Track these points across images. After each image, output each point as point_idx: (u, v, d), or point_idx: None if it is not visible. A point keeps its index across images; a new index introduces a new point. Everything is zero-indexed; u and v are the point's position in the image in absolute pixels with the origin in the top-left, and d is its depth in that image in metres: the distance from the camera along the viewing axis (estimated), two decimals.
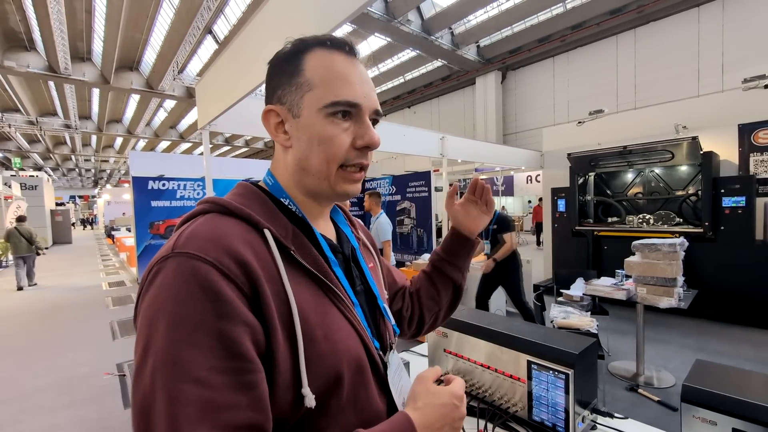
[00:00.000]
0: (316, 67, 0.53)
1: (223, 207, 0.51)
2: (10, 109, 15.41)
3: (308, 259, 0.52)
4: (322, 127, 0.52)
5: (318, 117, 0.52)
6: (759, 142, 4.38)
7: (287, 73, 0.54)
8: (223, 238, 0.45)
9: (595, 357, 1.12)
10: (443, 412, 0.52)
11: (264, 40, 2.21)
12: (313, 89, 0.52)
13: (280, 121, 0.55)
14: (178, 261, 0.43)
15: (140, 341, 0.42)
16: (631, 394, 2.81)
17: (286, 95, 0.54)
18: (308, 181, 0.55)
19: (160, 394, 0.38)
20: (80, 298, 6.59)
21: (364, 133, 0.54)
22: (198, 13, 9.16)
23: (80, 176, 37.91)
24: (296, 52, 0.54)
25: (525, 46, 12.25)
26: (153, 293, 0.43)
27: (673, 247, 2.68)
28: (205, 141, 3.20)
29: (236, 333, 0.41)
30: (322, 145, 0.52)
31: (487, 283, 3.89)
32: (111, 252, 13.84)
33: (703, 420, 0.84)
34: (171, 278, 0.42)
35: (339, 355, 0.50)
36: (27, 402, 2.99)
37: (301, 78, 0.53)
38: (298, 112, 0.53)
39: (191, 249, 0.43)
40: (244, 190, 0.56)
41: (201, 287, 0.41)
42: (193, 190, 8.31)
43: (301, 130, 0.53)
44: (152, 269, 0.45)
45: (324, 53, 0.54)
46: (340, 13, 1.61)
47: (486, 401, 1.19)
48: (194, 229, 0.47)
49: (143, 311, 0.43)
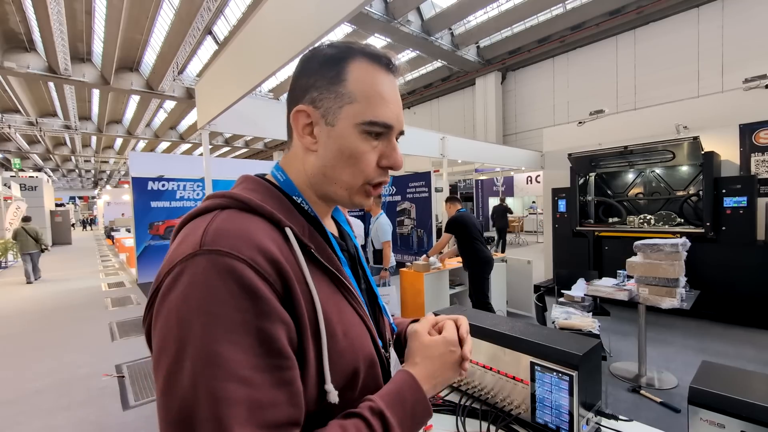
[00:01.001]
0: (360, 80, 0.52)
1: (244, 204, 0.49)
2: (10, 110, 15.41)
3: (326, 257, 0.52)
4: (354, 143, 0.52)
5: (353, 131, 0.52)
6: (760, 142, 4.37)
7: (327, 77, 0.53)
8: (253, 236, 0.45)
9: (599, 358, 1.10)
10: (441, 360, 0.57)
11: (263, 39, 2.20)
12: (353, 103, 0.52)
13: (308, 123, 0.54)
14: (210, 258, 0.42)
15: (170, 343, 0.40)
16: (633, 395, 2.80)
17: (323, 100, 0.53)
18: (328, 188, 0.55)
19: (204, 397, 0.37)
20: (79, 299, 6.57)
21: (390, 154, 0.55)
22: (198, 14, 9.15)
23: (80, 177, 37.90)
24: (340, 58, 0.53)
25: (525, 46, 12.25)
26: (182, 292, 0.41)
27: (675, 247, 2.66)
28: (205, 141, 3.18)
29: (275, 330, 0.42)
30: (351, 160, 0.53)
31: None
32: (110, 253, 13.83)
33: (710, 423, 0.82)
34: (204, 276, 0.41)
35: (356, 352, 0.51)
36: (25, 404, 2.97)
37: (342, 88, 0.52)
38: (333, 120, 0.52)
39: (224, 246, 0.42)
40: (256, 186, 0.54)
41: (239, 285, 0.41)
42: (193, 190, 8.30)
43: (332, 139, 0.53)
44: (174, 268, 0.43)
45: (368, 66, 0.53)
46: (338, 13, 1.61)
47: (488, 403, 1.17)
48: (220, 225, 0.45)
49: (170, 311, 0.41)
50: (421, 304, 3.91)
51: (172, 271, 0.43)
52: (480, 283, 3.87)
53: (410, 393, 0.52)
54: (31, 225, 8.41)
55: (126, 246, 10.91)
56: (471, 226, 3.87)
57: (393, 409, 0.49)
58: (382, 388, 0.52)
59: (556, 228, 5.74)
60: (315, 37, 1.73)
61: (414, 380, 0.53)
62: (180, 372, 0.38)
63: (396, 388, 0.52)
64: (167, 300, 0.42)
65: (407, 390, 0.52)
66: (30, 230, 8.27)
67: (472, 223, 3.89)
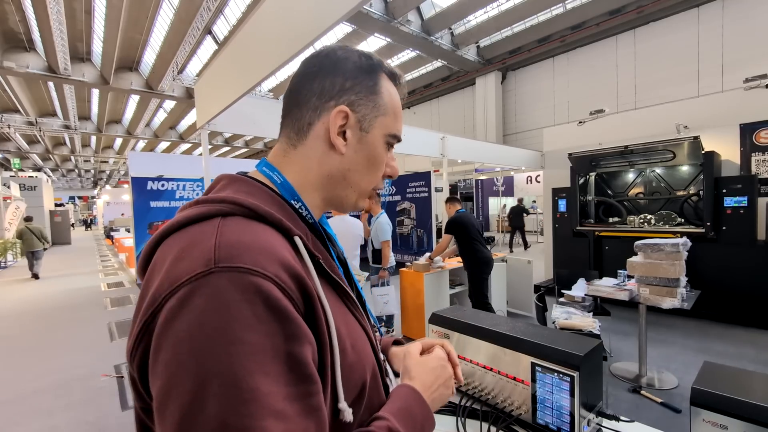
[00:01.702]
0: (389, 95, 0.56)
1: (251, 210, 0.44)
2: (10, 110, 15.39)
3: (330, 266, 0.50)
4: (380, 152, 0.56)
5: (381, 141, 0.55)
6: (760, 141, 4.37)
7: (367, 86, 0.54)
8: (275, 249, 0.41)
9: (600, 359, 1.10)
10: (435, 374, 0.60)
11: (263, 39, 2.19)
12: (387, 115, 0.55)
13: (343, 125, 0.53)
14: (231, 277, 0.36)
15: (184, 379, 0.34)
16: (633, 395, 2.79)
17: (362, 106, 0.53)
18: (342, 191, 0.56)
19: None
20: (79, 299, 6.56)
21: (392, 164, 0.59)
22: (197, 14, 9.15)
23: (79, 177, 37.89)
24: (375, 68, 0.55)
25: (525, 46, 12.25)
26: (197, 318, 0.35)
27: (676, 247, 2.66)
28: (204, 141, 3.18)
29: (304, 354, 0.39)
30: (373, 167, 0.56)
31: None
32: (110, 253, 13.82)
33: (713, 424, 0.81)
34: (226, 298, 0.36)
35: (363, 364, 0.50)
36: (24, 404, 2.97)
37: (380, 99, 0.54)
38: (368, 128, 0.54)
39: (246, 263, 0.37)
40: (252, 188, 0.49)
41: (267, 307, 0.37)
42: (193, 190, 8.30)
43: (363, 145, 0.54)
44: (178, 288, 0.37)
45: (390, 84, 0.57)
46: (337, 12, 1.60)
47: (488, 404, 1.17)
48: (236, 237, 0.40)
49: (181, 342, 0.35)
50: (420, 304, 3.90)
51: (176, 293, 0.37)
52: (479, 283, 3.86)
53: (418, 408, 0.53)
54: (35, 224, 8.79)
55: (125, 246, 10.91)
56: (470, 226, 3.86)
57: (406, 426, 0.49)
58: (389, 403, 0.51)
59: (556, 228, 5.73)
60: (314, 36, 1.73)
61: (418, 394, 0.54)
62: (202, 413, 0.33)
63: (405, 404, 0.52)
64: (174, 328, 0.36)
65: (415, 405, 0.53)
66: (34, 229, 8.61)
67: (471, 224, 3.88)
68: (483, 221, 14.80)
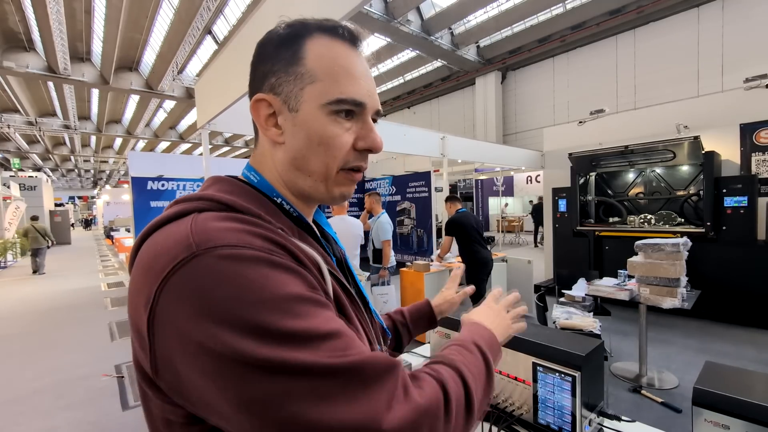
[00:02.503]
0: (320, 56, 0.47)
1: (226, 206, 0.43)
2: (9, 110, 15.38)
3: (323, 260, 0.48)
4: (323, 126, 0.47)
5: (320, 114, 0.47)
6: (761, 141, 4.37)
7: (284, 59, 0.47)
8: (254, 232, 0.39)
9: (601, 359, 1.10)
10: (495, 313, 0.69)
11: None
12: (315, 82, 0.46)
13: (271, 113, 0.49)
14: (219, 254, 0.35)
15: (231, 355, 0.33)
16: (634, 395, 2.79)
17: (282, 85, 0.47)
18: (302, 182, 0.50)
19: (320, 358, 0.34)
20: (79, 299, 6.56)
21: (366, 134, 0.49)
22: (198, 14, 9.14)
23: (79, 177, 37.87)
24: (296, 36, 0.48)
25: (525, 46, 12.25)
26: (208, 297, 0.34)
27: (677, 246, 2.66)
28: (205, 141, 3.18)
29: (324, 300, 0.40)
30: (322, 146, 0.47)
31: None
32: (110, 252, 13.82)
33: (715, 424, 0.81)
34: (228, 270, 0.35)
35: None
36: (25, 404, 2.96)
37: (301, 67, 0.47)
38: (295, 105, 0.47)
39: (231, 241, 0.36)
40: (232, 187, 0.48)
41: (271, 267, 0.37)
42: (193, 190, 8.25)
43: (298, 126, 0.47)
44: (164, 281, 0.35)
45: (328, 41, 0.48)
46: (337, 12, 1.60)
47: (490, 404, 1.16)
48: (210, 225, 0.38)
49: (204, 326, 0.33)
50: None
51: (165, 285, 0.35)
52: (476, 284, 3.85)
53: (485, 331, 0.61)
54: (39, 223, 9.36)
55: (125, 246, 10.91)
56: (469, 227, 3.85)
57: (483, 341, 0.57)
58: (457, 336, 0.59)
59: (556, 228, 5.73)
60: None
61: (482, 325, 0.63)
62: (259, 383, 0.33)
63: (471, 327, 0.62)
64: (186, 317, 0.34)
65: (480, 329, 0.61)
66: (39, 228, 9.16)
67: (470, 224, 3.87)
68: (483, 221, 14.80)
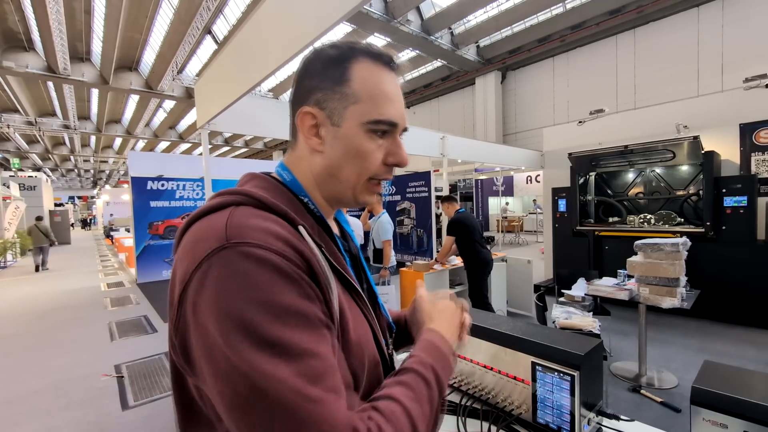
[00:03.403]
0: (364, 80, 0.53)
1: (259, 201, 0.49)
2: (9, 110, 15.38)
3: (335, 258, 0.53)
4: (360, 142, 0.54)
5: (359, 131, 0.53)
6: (760, 141, 4.37)
7: (331, 78, 0.53)
8: (277, 232, 0.45)
9: (600, 358, 1.10)
10: (451, 319, 0.66)
11: (263, 38, 2.19)
12: (358, 103, 0.53)
13: (314, 124, 0.55)
14: (241, 251, 0.42)
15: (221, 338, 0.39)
16: (633, 395, 2.80)
17: (327, 101, 0.53)
18: (333, 187, 0.57)
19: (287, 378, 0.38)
20: (79, 299, 6.56)
21: (396, 151, 0.56)
22: (197, 14, 9.14)
23: (79, 177, 37.87)
24: (343, 58, 0.54)
25: (525, 46, 12.25)
26: (217, 287, 0.41)
27: (676, 246, 2.66)
28: (204, 141, 3.18)
29: (317, 310, 0.44)
30: (357, 159, 0.54)
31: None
32: (110, 252, 13.82)
33: (713, 423, 0.81)
34: (240, 267, 0.41)
35: (362, 350, 0.52)
36: (24, 404, 2.96)
37: (347, 88, 0.53)
38: (338, 121, 0.53)
39: (253, 239, 0.43)
40: (267, 184, 0.55)
41: (278, 273, 0.42)
42: (192, 190, 8.29)
43: (338, 140, 0.54)
44: (201, 264, 0.42)
45: (372, 66, 0.54)
46: (337, 12, 1.60)
47: (489, 403, 1.17)
48: (242, 221, 0.45)
49: (211, 309, 0.40)
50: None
51: (199, 269, 0.42)
52: (478, 283, 3.86)
53: (444, 345, 0.59)
54: (43, 223, 10.05)
55: (125, 246, 10.90)
56: (471, 227, 3.85)
57: (436, 360, 0.55)
58: (418, 343, 0.58)
59: (556, 228, 5.74)
60: (314, 36, 1.72)
61: (442, 336, 0.60)
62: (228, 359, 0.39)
63: (431, 341, 0.58)
64: (203, 298, 0.41)
65: (442, 344, 0.59)
66: (42, 227, 9.85)
67: (472, 225, 3.87)
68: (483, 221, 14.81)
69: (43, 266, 10.05)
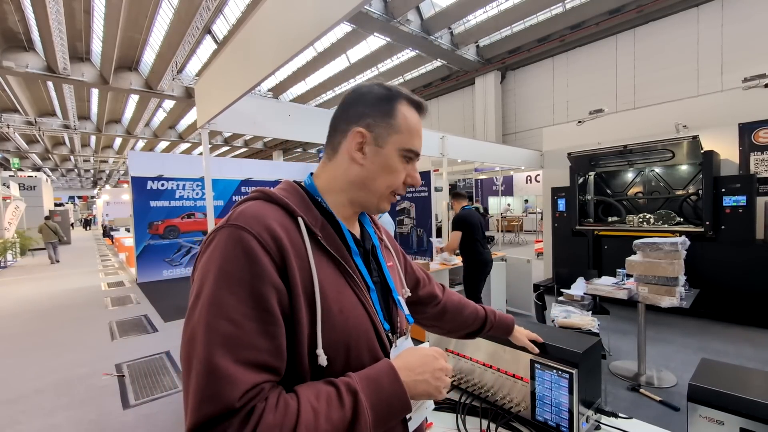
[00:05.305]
0: (405, 118, 0.69)
1: (268, 196, 0.64)
2: (9, 110, 15.38)
3: (332, 246, 0.64)
4: (394, 162, 0.69)
5: (395, 154, 0.68)
6: (759, 141, 4.38)
7: (382, 111, 0.68)
8: (264, 218, 0.58)
9: (598, 356, 1.11)
10: (424, 360, 0.63)
11: (263, 38, 2.19)
12: (399, 134, 0.68)
13: (361, 142, 0.67)
14: (229, 230, 0.56)
15: (195, 288, 0.55)
16: (632, 393, 2.81)
17: (376, 127, 0.67)
18: (362, 194, 0.70)
19: (202, 326, 0.50)
20: (79, 299, 6.56)
21: (413, 174, 0.73)
22: (197, 13, 9.14)
23: (79, 177, 37.84)
24: (391, 98, 0.69)
25: (524, 46, 12.24)
26: (209, 253, 0.56)
27: (675, 246, 2.67)
28: (204, 140, 3.18)
29: (266, 291, 0.53)
30: (389, 175, 0.69)
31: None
32: (110, 252, 13.82)
33: (710, 420, 0.82)
34: (223, 243, 0.55)
35: (349, 329, 0.60)
36: (25, 403, 2.97)
37: (393, 121, 0.68)
38: (382, 143, 0.68)
39: (240, 222, 0.56)
40: (287, 186, 0.70)
41: (243, 251, 0.53)
42: (192, 190, 8.30)
43: (379, 157, 0.68)
44: (211, 236, 0.58)
45: (409, 109, 0.70)
46: (338, 12, 1.60)
47: (488, 401, 1.18)
48: (244, 209, 0.59)
49: (200, 266, 0.56)
50: None
51: (209, 239, 0.59)
52: (474, 283, 3.86)
53: (388, 382, 0.57)
54: (52, 222, 11.34)
55: (125, 245, 10.91)
56: (475, 225, 3.86)
57: (367, 392, 0.54)
58: (365, 370, 0.58)
59: (555, 227, 5.74)
60: (314, 36, 1.73)
61: (394, 371, 0.58)
62: (195, 308, 0.52)
63: (375, 374, 0.58)
64: (201, 258, 0.57)
65: (385, 378, 0.57)
66: (51, 225, 11.09)
67: (476, 223, 3.88)
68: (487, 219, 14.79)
69: (54, 259, 11.24)
